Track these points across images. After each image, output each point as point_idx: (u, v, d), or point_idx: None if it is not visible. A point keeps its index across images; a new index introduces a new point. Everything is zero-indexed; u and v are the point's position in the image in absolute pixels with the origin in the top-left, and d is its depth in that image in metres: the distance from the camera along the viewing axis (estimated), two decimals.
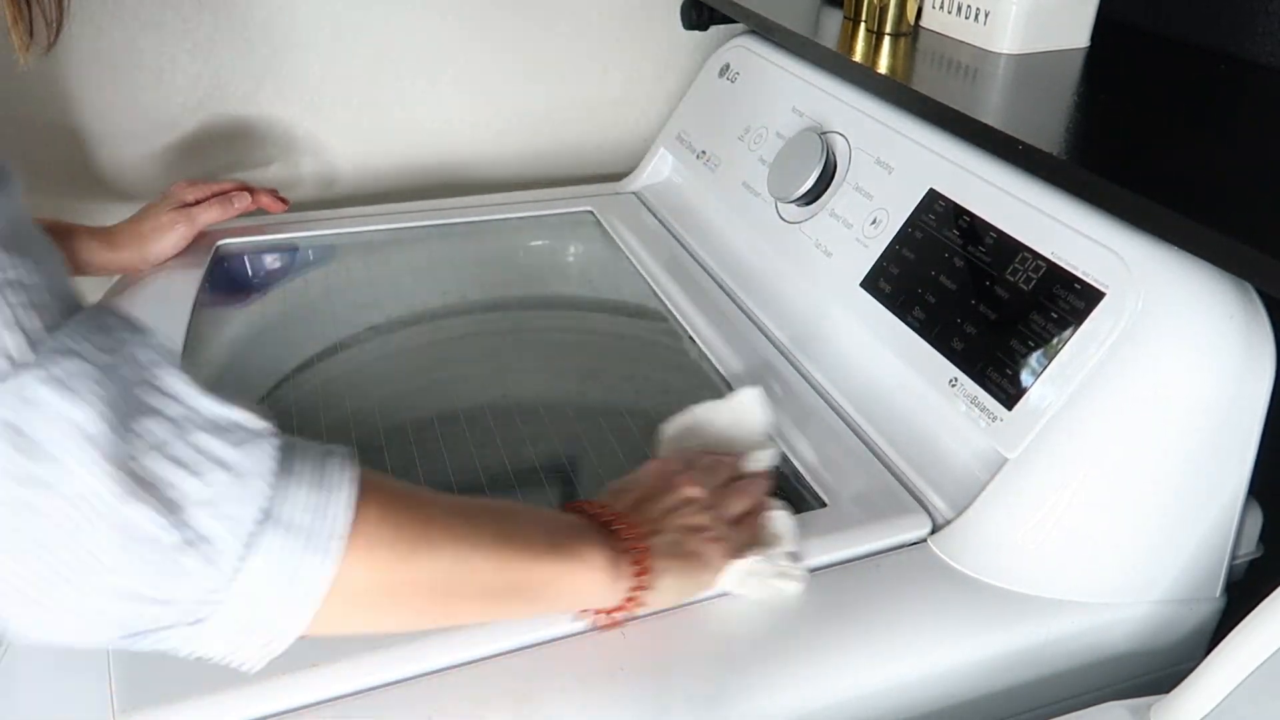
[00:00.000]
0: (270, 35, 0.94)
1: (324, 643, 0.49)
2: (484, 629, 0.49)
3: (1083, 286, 0.55)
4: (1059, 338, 0.55)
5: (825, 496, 0.60)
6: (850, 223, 0.72)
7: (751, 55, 0.92)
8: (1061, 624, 0.53)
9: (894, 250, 0.68)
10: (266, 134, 0.98)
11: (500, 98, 1.05)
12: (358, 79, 0.98)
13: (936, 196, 0.66)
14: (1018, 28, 0.75)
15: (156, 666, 0.47)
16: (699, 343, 0.77)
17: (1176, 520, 0.54)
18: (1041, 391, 0.55)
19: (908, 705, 0.52)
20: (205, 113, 0.95)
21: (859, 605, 0.53)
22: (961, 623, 0.53)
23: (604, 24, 1.05)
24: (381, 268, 0.92)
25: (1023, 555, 0.54)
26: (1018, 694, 0.54)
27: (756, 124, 0.86)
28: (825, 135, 0.77)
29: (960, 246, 0.63)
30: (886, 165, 0.71)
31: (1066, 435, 0.53)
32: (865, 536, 0.56)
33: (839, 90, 0.79)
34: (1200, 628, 0.57)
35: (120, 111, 0.93)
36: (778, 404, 0.69)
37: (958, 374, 0.60)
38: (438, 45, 1.00)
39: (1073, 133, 0.62)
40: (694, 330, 0.79)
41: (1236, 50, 0.74)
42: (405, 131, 1.03)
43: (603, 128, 1.11)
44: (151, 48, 0.91)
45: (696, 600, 0.52)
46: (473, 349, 0.88)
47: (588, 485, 0.70)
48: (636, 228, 0.94)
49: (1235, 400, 0.52)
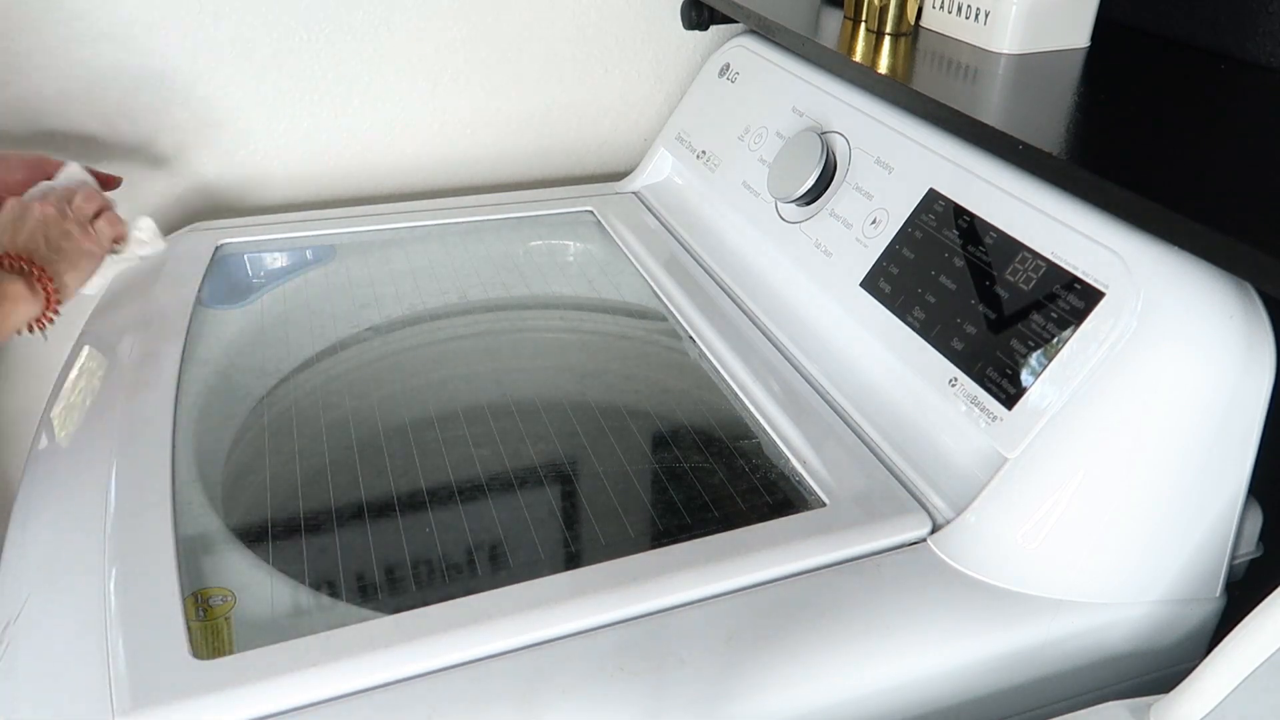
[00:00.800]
0: (270, 35, 0.94)
1: (324, 643, 0.49)
2: (485, 627, 0.49)
3: (1083, 286, 0.55)
4: (1059, 337, 0.55)
5: (825, 496, 0.60)
6: (850, 223, 0.72)
7: (751, 55, 0.92)
8: (1061, 624, 0.53)
9: (894, 250, 0.68)
10: (265, 135, 0.98)
11: (501, 98, 1.05)
12: (358, 79, 0.99)
13: (936, 196, 0.66)
14: (1018, 28, 0.75)
15: (157, 666, 0.47)
16: (699, 343, 0.78)
17: (1176, 520, 0.54)
18: (1041, 391, 0.55)
19: (908, 705, 0.52)
20: (205, 113, 0.96)
21: (859, 605, 0.53)
22: (961, 623, 0.53)
23: (604, 24, 1.05)
24: (381, 268, 0.92)
25: (1022, 555, 0.54)
26: (1017, 694, 0.54)
27: (756, 124, 0.86)
28: (825, 135, 0.77)
29: (960, 246, 0.63)
30: (886, 165, 0.71)
31: (1066, 435, 0.53)
32: (865, 536, 0.56)
33: (839, 90, 0.79)
34: (1200, 628, 0.57)
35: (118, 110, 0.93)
36: (778, 403, 0.69)
37: (957, 374, 0.60)
38: (438, 45, 1.00)
39: (1073, 133, 0.62)
40: (694, 330, 0.79)
41: (1236, 51, 0.74)
42: (406, 131, 1.03)
43: (603, 128, 1.11)
44: (151, 49, 0.91)
45: (696, 600, 0.52)
46: (473, 349, 0.88)
47: (588, 485, 0.71)
48: (636, 228, 0.94)
49: (1235, 400, 0.52)
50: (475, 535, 0.66)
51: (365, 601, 0.59)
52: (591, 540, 0.67)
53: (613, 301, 0.91)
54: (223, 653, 0.49)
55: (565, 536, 0.67)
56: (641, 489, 0.70)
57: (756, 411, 0.69)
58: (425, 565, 0.64)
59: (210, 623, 0.52)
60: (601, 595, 0.52)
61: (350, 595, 0.59)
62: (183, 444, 0.65)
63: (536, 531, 0.67)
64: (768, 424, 0.68)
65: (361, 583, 0.61)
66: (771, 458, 0.67)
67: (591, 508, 0.70)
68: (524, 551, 0.65)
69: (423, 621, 0.50)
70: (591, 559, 0.56)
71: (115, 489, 0.59)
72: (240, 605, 0.53)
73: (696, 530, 0.61)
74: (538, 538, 0.66)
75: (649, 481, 0.70)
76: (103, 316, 0.78)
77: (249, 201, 1.01)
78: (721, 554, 0.55)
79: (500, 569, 0.64)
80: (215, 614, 0.52)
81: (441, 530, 0.66)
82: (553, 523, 0.69)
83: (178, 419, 0.66)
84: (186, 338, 0.75)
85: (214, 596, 0.53)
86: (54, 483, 0.61)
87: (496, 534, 0.66)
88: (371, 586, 0.61)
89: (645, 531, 0.67)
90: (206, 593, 0.54)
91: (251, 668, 0.47)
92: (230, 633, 0.51)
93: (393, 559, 0.63)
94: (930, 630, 0.52)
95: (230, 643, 0.51)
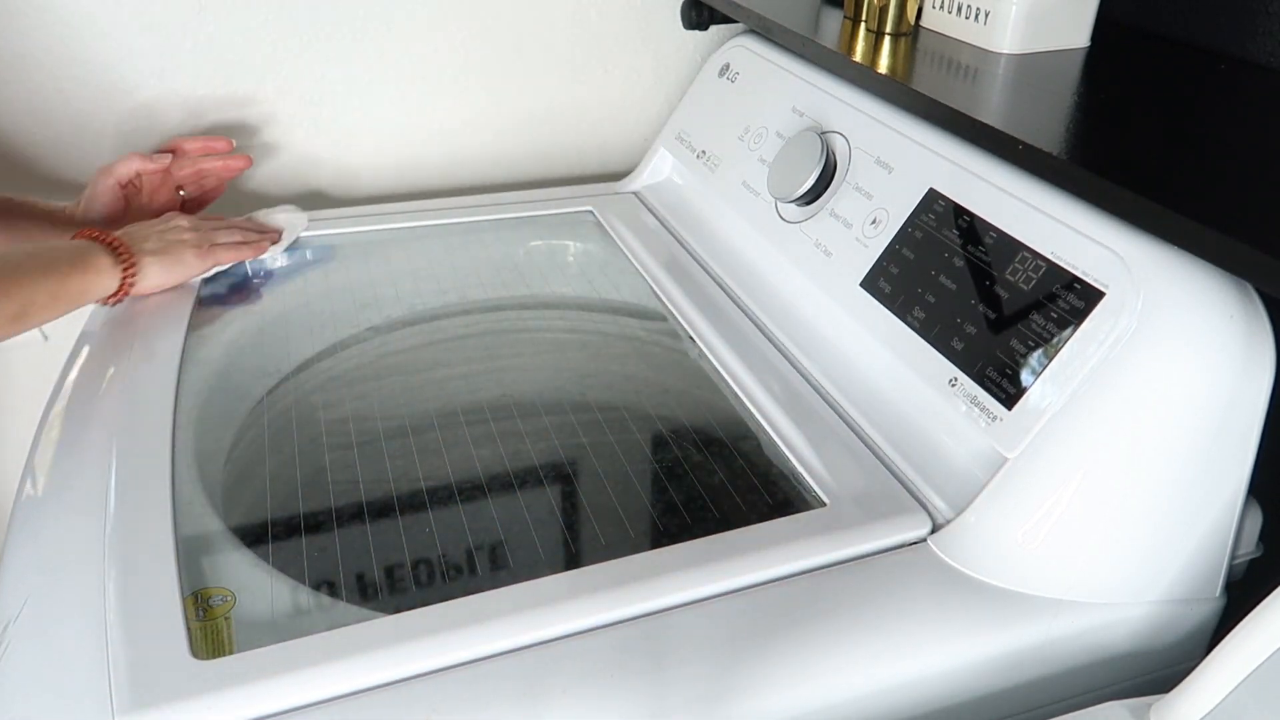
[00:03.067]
0: (270, 35, 0.94)
1: (324, 643, 0.49)
2: (485, 627, 0.49)
3: (1083, 286, 0.55)
4: (1059, 337, 0.55)
5: (825, 496, 0.60)
6: (850, 222, 0.72)
7: (751, 55, 0.92)
8: (1061, 624, 0.53)
9: (894, 250, 0.67)
10: (266, 135, 0.98)
11: (500, 97, 1.05)
12: (358, 79, 0.99)
13: (936, 196, 0.66)
14: (1018, 28, 0.75)
15: (157, 666, 0.47)
16: (699, 343, 0.77)
17: (1176, 520, 0.54)
18: (1041, 391, 0.55)
19: (907, 705, 0.52)
20: (205, 114, 0.96)
21: (859, 605, 0.53)
22: (961, 623, 0.53)
23: (604, 24, 1.05)
24: (381, 268, 0.92)
25: (1022, 555, 0.54)
26: (1017, 694, 0.54)
27: (756, 124, 0.86)
28: (825, 135, 0.77)
29: (960, 246, 0.63)
30: (886, 165, 0.71)
31: (1066, 435, 0.53)
32: (865, 536, 0.56)
33: (839, 90, 0.79)
34: (1200, 627, 0.57)
35: (118, 112, 0.93)
36: (778, 403, 0.69)
37: (957, 374, 0.60)
38: (438, 45, 1.00)
39: (1073, 133, 0.62)
40: (694, 330, 0.79)
41: (1236, 51, 0.74)
42: (405, 131, 1.03)
43: (603, 128, 1.11)
44: (153, 48, 0.91)
45: None
46: (473, 349, 0.88)
47: (588, 484, 0.71)
48: (636, 228, 0.94)
49: (1235, 400, 0.52)
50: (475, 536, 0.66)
51: (365, 601, 0.59)
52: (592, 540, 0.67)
53: (613, 301, 0.91)
54: (223, 653, 0.49)
55: (565, 537, 0.67)
56: (641, 489, 0.70)
57: (756, 411, 0.69)
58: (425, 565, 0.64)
59: (210, 623, 0.52)
60: (602, 595, 0.52)
61: (350, 595, 0.59)
62: (183, 444, 0.65)
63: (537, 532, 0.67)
64: (768, 424, 0.68)
65: (361, 583, 0.61)
66: (771, 458, 0.67)
67: (592, 508, 0.69)
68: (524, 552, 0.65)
69: (423, 621, 0.50)
70: (592, 559, 0.56)
71: (115, 489, 0.59)
72: (240, 605, 0.53)
73: (697, 530, 0.61)
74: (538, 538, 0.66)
75: (649, 481, 0.70)
76: (103, 316, 0.78)
77: (249, 202, 1.01)
78: (721, 554, 0.55)
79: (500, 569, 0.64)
80: (215, 614, 0.52)
81: (442, 530, 0.66)
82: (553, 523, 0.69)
83: (178, 419, 0.66)
84: (186, 338, 0.75)
85: (214, 596, 0.53)
86: (54, 483, 0.61)
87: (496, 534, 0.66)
88: (372, 586, 0.61)
89: (645, 531, 0.67)
90: (206, 593, 0.54)
91: (251, 668, 0.47)
92: (230, 633, 0.51)
93: (393, 559, 0.63)
94: (930, 630, 0.52)
95: (230, 643, 0.51)
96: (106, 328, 0.77)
